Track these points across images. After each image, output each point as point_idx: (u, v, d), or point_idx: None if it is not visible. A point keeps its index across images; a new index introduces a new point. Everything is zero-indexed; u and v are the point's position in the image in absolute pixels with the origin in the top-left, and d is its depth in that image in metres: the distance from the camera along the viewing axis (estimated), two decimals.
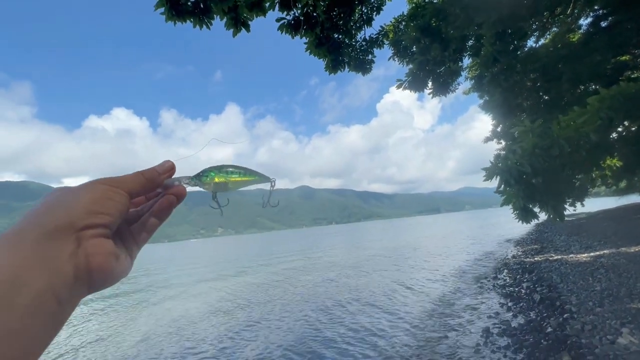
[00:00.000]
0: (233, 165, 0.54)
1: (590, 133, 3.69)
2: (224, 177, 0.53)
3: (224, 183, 0.53)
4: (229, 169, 0.53)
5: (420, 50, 6.01)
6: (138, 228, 0.47)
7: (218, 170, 0.53)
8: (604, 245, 8.32)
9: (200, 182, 0.52)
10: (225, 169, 0.53)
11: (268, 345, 5.21)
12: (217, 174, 0.53)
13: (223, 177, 0.53)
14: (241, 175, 0.54)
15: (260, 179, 0.56)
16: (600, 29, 8.29)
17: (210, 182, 0.52)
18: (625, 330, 3.62)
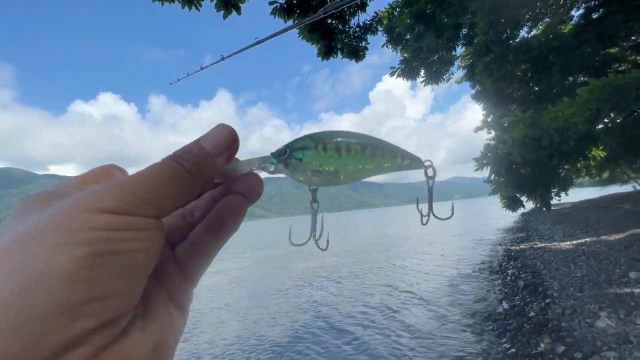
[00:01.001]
0: (349, 134, 0.33)
1: (579, 124, 3.76)
2: (335, 160, 0.32)
3: (333, 172, 0.32)
4: (342, 143, 0.32)
5: (414, 38, 5.95)
6: (186, 251, 0.29)
7: (323, 146, 0.32)
8: (586, 234, 8.61)
9: (289, 166, 0.31)
10: (335, 143, 0.32)
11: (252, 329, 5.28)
12: (320, 153, 0.32)
13: (332, 161, 0.32)
14: (368, 157, 0.33)
15: (402, 163, 0.35)
16: (591, 20, 8.34)
17: (307, 167, 0.32)
18: (603, 313, 3.78)
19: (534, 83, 8.70)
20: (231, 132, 0.28)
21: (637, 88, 4.19)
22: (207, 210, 0.31)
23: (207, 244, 0.30)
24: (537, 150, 3.95)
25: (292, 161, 0.31)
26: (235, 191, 0.30)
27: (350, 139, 0.32)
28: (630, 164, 13.41)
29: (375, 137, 0.34)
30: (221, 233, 0.30)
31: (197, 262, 0.29)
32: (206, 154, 0.26)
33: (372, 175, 0.34)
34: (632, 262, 5.23)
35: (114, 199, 0.22)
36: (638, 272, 4.71)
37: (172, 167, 0.25)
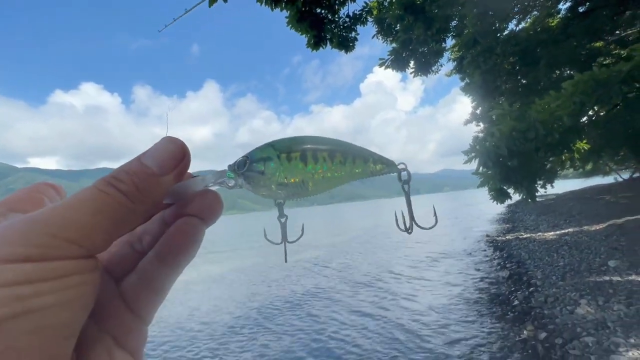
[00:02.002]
0: (315, 139, 0.30)
1: (564, 117, 3.82)
2: (301, 170, 0.29)
3: (300, 184, 0.29)
4: (308, 151, 0.29)
5: (403, 29, 5.92)
6: (135, 285, 0.25)
7: (287, 156, 0.29)
8: (569, 224, 8.86)
9: (250, 180, 0.28)
10: (300, 151, 0.29)
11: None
12: (284, 163, 0.28)
13: (298, 172, 0.29)
14: (338, 165, 0.30)
15: (375, 168, 0.32)
16: (578, 14, 8.43)
17: (271, 181, 0.29)
18: (583, 301, 3.91)
19: (521, 76, 8.80)
20: (179, 145, 0.24)
21: (620, 82, 4.27)
22: (157, 235, 0.26)
23: (159, 275, 0.25)
24: (524, 143, 4.01)
25: (254, 175, 0.28)
26: (189, 212, 0.25)
27: (317, 145, 0.29)
28: (612, 156, 13.81)
29: (345, 142, 0.31)
30: (174, 262, 0.25)
31: (149, 296, 0.25)
32: (149, 173, 0.22)
33: (343, 183, 0.32)
34: (611, 251, 5.41)
35: (23, 243, 0.17)
36: (617, 260, 4.88)
37: (104, 193, 0.20)
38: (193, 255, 0.26)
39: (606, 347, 2.94)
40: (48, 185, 0.27)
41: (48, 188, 0.26)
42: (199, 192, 0.26)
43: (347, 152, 0.31)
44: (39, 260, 0.17)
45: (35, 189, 0.26)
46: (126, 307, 0.24)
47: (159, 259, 0.25)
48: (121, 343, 0.23)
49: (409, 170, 0.34)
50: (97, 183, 0.21)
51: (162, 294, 0.26)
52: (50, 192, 0.26)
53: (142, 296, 0.25)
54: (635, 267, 4.49)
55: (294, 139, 0.29)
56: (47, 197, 0.25)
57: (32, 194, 0.25)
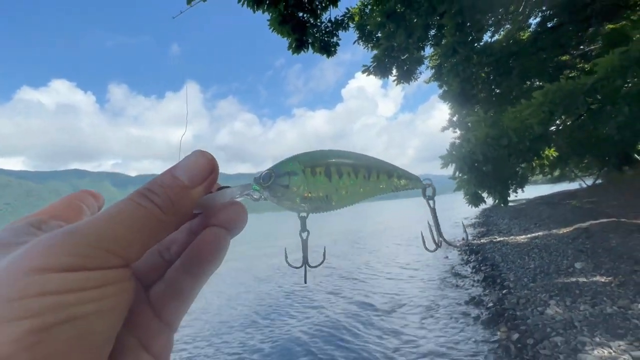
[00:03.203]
0: (340, 153, 0.30)
1: (535, 125, 4.00)
2: (325, 185, 0.29)
3: (324, 198, 0.29)
4: (332, 166, 0.29)
5: (385, 36, 6.03)
6: (163, 293, 0.26)
7: (311, 170, 0.29)
8: (539, 228, 9.27)
9: (275, 193, 0.28)
10: (324, 166, 0.29)
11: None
12: (308, 177, 0.29)
13: (323, 186, 0.29)
14: (362, 180, 0.30)
15: (399, 183, 0.32)
16: (547, 29, 8.95)
17: (295, 194, 0.29)
18: (553, 302, 4.07)
19: (495, 85, 9.21)
20: (209, 160, 0.25)
21: (584, 93, 4.54)
22: (185, 245, 0.27)
23: (185, 284, 0.26)
24: (497, 149, 4.16)
25: (278, 188, 0.28)
26: (216, 223, 0.26)
27: (341, 159, 0.30)
28: (577, 164, 14.65)
29: (369, 156, 0.31)
30: (200, 271, 0.26)
31: (176, 304, 0.26)
32: (181, 187, 0.23)
33: (367, 198, 0.32)
34: (577, 253, 5.69)
35: (66, 253, 0.18)
36: (582, 262, 5.14)
37: (141, 206, 0.21)
38: (218, 264, 0.27)
39: (574, 346, 3.06)
40: (88, 193, 0.28)
41: (87, 196, 0.28)
42: (225, 204, 0.27)
43: (371, 167, 0.31)
44: (81, 269, 0.18)
45: (76, 197, 0.27)
46: (154, 313, 0.25)
47: (185, 268, 0.26)
48: (148, 348, 0.24)
49: (434, 186, 0.35)
50: (133, 196, 0.22)
51: (188, 301, 0.27)
52: (90, 200, 0.27)
53: (169, 303, 0.26)
54: (599, 269, 4.74)
55: (318, 153, 0.30)
56: (86, 205, 0.27)
57: (73, 201, 0.26)
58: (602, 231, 6.52)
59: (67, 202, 0.26)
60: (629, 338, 2.97)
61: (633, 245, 5.30)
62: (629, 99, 4.35)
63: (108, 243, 0.19)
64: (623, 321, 3.27)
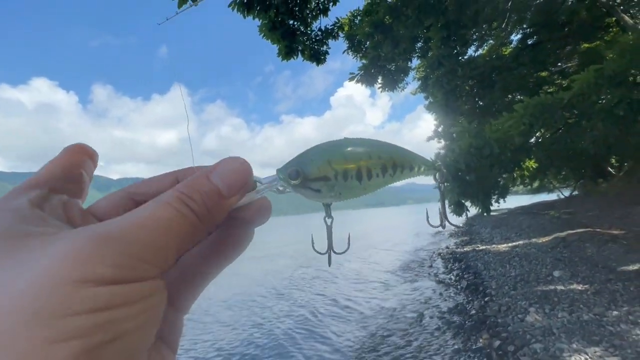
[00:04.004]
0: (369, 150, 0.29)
1: (515, 136, 4.13)
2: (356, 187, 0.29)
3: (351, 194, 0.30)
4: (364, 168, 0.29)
5: (372, 46, 6.16)
6: (177, 281, 0.25)
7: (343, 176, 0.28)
8: (519, 237, 9.52)
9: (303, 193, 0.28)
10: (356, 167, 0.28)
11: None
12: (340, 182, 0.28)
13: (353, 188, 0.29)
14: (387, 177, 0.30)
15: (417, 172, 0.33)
16: (527, 45, 9.35)
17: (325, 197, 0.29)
18: (532, 309, 4.17)
19: (479, 98, 9.50)
20: (247, 169, 0.23)
21: (562, 108, 4.74)
22: None
23: (201, 273, 0.26)
24: (480, 159, 4.27)
25: (309, 191, 0.28)
26: (240, 216, 0.26)
27: (371, 159, 0.29)
28: (556, 175, 15.20)
29: (392, 146, 0.31)
30: (220, 262, 0.26)
31: (189, 290, 0.26)
32: (219, 196, 0.22)
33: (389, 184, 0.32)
34: (555, 262, 5.87)
35: (108, 263, 0.16)
36: (560, 271, 5.29)
37: (179, 212, 0.20)
38: (237, 255, 0.27)
39: (552, 353, 3.13)
40: (82, 152, 0.25)
41: (86, 159, 0.25)
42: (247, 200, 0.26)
43: (397, 162, 0.31)
44: (121, 282, 0.16)
45: (71, 162, 0.24)
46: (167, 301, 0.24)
47: (205, 257, 0.26)
48: (161, 336, 0.23)
49: (444, 171, 0.36)
50: (171, 200, 0.20)
51: (202, 288, 0.26)
52: (89, 167, 0.25)
53: (182, 291, 0.25)
54: (576, 277, 4.90)
55: (348, 151, 0.29)
56: (86, 172, 0.25)
57: (71, 170, 0.24)
58: (579, 241, 6.75)
59: (64, 171, 0.23)
60: (604, 344, 3.07)
61: (607, 254, 5.51)
62: (602, 114, 4.56)
63: (149, 253, 0.18)
64: (598, 328, 3.37)
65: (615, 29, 8.15)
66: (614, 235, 6.46)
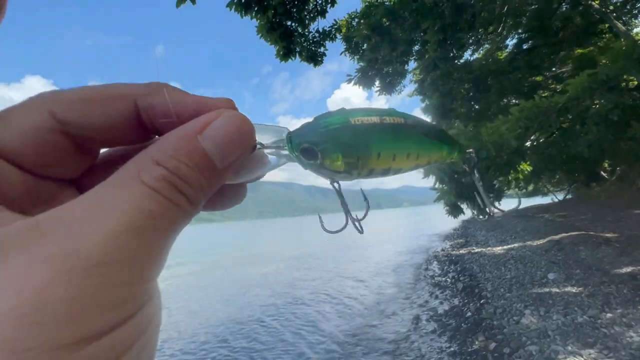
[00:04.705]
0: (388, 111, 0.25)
1: (512, 139, 4.16)
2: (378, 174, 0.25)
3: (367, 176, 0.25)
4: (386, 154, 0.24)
5: (370, 48, 6.18)
6: None
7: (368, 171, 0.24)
8: (514, 240, 9.57)
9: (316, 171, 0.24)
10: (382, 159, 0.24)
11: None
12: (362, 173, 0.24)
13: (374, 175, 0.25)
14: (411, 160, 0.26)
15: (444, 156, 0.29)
16: (522, 50, 9.46)
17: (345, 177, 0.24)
18: (527, 312, 4.18)
19: (474, 102, 9.58)
20: (250, 130, 0.18)
21: (556, 112, 4.79)
22: None
23: None
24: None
25: (324, 172, 0.23)
26: None
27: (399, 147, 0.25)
28: (550, 179, 15.36)
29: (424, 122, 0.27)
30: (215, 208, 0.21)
31: None
32: (215, 171, 0.16)
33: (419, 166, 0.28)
34: (550, 264, 5.90)
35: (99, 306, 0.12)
36: (555, 273, 5.32)
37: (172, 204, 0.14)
38: None
39: (547, 355, 3.13)
40: None
41: None
42: None
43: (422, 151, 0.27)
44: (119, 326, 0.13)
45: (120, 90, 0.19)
46: None
47: None
48: None
49: (473, 156, 0.32)
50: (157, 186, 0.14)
51: None
52: None
53: None
54: (570, 280, 4.92)
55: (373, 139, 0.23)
56: None
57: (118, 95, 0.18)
58: (573, 243, 6.80)
59: None
60: (598, 346, 3.08)
61: (601, 257, 5.55)
62: (597, 119, 4.62)
63: (137, 275, 0.13)
64: (593, 330, 3.38)
65: (608, 35, 8.29)
66: (607, 239, 6.52)
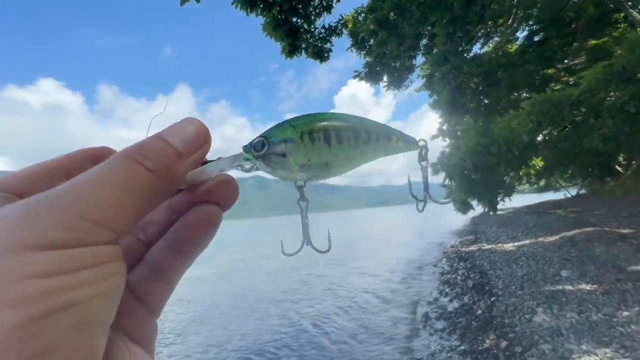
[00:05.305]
0: (336, 117, 0.27)
1: (524, 134, 4.07)
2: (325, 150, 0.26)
3: (324, 165, 0.27)
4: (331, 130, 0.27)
5: (377, 43, 6.11)
6: (146, 277, 0.23)
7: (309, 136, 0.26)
8: (526, 236, 9.41)
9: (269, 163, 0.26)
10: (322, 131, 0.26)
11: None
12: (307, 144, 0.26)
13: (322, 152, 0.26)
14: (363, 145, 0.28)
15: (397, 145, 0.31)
16: (533, 42, 9.23)
17: (292, 163, 0.26)
18: (540, 309, 4.10)
19: (484, 96, 9.40)
20: (203, 128, 0.22)
21: (570, 104, 4.66)
22: (166, 224, 0.25)
23: (172, 266, 0.24)
24: (487, 157, 4.21)
25: (274, 157, 0.26)
26: (208, 199, 0.24)
27: (340, 122, 0.27)
28: (562, 174, 15.03)
29: (364, 118, 0.29)
30: (192, 250, 0.24)
31: (161, 288, 0.24)
32: (174, 153, 0.20)
33: (365, 163, 0.30)
34: (563, 261, 5.78)
35: (52, 226, 0.15)
36: (568, 270, 5.21)
37: (130, 169, 0.18)
38: (209, 242, 0.25)
39: (561, 354, 3.07)
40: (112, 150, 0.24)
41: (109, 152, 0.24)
42: (214, 177, 0.24)
43: (371, 130, 0.29)
44: (72, 246, 0.15)
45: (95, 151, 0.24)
46: (136, 300, 0.23)
47: (174, 248, 0.24)
48: (134, 338, 0.21)
49: (427, 147, 0.34)
50: (120, 158, 0.18)
51: (174, 284, 0.25)
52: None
53: (153, 288, 0.23)
54: (584, 277, 4.81)
55: (313, 116, 0.27)
56: None
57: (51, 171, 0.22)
58: (586, 240, 6.65)
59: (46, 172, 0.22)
60: (614, 345, 3.00)
61: (616, 253, 5.41)
62: (612, 111, 4.48)
63: (99, 214, 0.16)
64: (608, 329, 3.30)
65: (623, 25, 8.01)
66: (623, 235, 6.35)
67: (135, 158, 0.18)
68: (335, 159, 0.27)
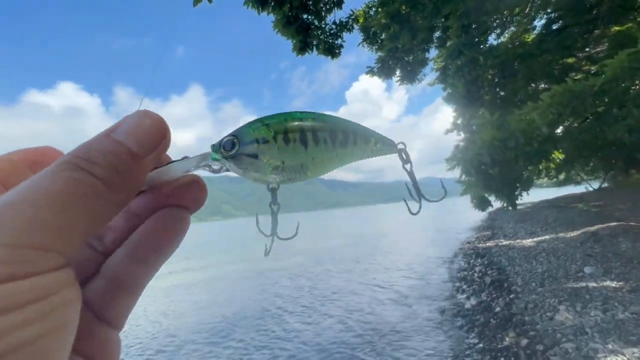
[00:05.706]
0: (311, 115, 0.26)
1: (543, 127, 3.94)
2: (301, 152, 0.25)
3: (299, 167, 0.26)
4: (307, 131, 0.25)
5: (389, 37, 6.02)
6: (104, 290, 0.21)
7: (284, 137, 0.25)
8: (545, 231, 9.15)
9: (240, 164, 0.24)
10: (298, 131, 0.25)
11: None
12: (281, 146, 0.25)
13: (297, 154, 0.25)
14: (340, 147, 0.27)
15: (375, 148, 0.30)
16: (552, 31, 8.88)
17: (265, 165, 0.25)
18: (562, 307, 3.99)
19: (500, 88, 9.14)
20: (159, 121, 0.19)
21: (592, 95, 4.47)
22: (125, 231, 0.22)
23: (134, 276, 0.21)
24: (505, 151, 4.10)
25: (245, 158, 0.24)
26: (173, 202, 0.22)
27: (316, 123, 0.26)
28: (583, 167, 14.51)
29: (343, 119, 0.28)
30: (155, 259, 0.22)
31: (122, 300, 0.21)
32: (128, 154, 0.18)
33: (342, 165, 0.28)
34: (586, 257, 5.59)
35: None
36: (592, 267, 5.04)
37: (72, 179, 0.16)
38: (175, 249, 0.23)
39: (585, 353, 2.98)
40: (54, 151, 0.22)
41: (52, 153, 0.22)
42: (179, 178, 0.22)
43: (348, 131, 0.27)
44: (16, 279, 0.13)
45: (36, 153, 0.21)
46: (95, 316, 0.20)
47: (136, 257, 0.21)
48: (92, 356, 0.19)
49: (407, 151, 0.32)
50: (61, 167, 0.16)
51: (137, 295, 0.22)
52: None
53: (114, 301, 0.21)
54: (609, 274, 4.65)
55: (288, 115, 0.25)
56: None
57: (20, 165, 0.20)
58: (611, 235, 6.40)
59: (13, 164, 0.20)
60: None
61: None
62: (638, 101, 4.27)
63: (37, 238, 0.14)
64: (636, 328, 3.18)
65: None
66: None
67: (78, 164, 0.16)
68: (312, 161, 0.26)
